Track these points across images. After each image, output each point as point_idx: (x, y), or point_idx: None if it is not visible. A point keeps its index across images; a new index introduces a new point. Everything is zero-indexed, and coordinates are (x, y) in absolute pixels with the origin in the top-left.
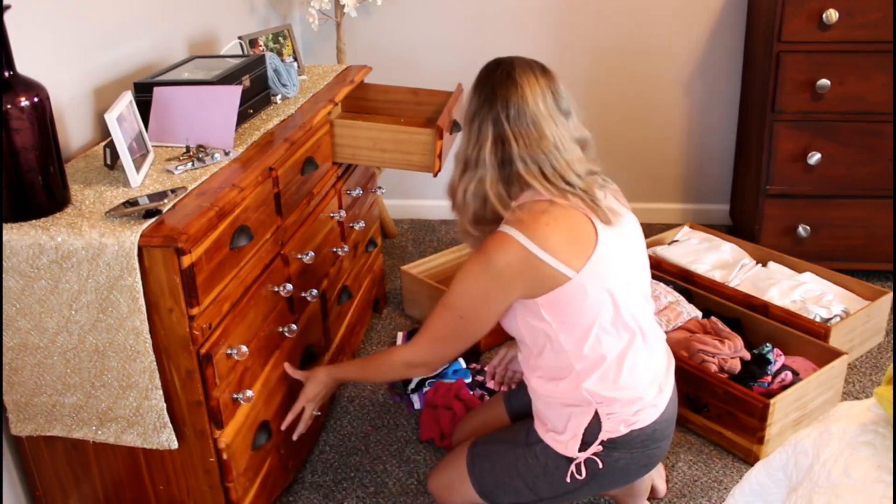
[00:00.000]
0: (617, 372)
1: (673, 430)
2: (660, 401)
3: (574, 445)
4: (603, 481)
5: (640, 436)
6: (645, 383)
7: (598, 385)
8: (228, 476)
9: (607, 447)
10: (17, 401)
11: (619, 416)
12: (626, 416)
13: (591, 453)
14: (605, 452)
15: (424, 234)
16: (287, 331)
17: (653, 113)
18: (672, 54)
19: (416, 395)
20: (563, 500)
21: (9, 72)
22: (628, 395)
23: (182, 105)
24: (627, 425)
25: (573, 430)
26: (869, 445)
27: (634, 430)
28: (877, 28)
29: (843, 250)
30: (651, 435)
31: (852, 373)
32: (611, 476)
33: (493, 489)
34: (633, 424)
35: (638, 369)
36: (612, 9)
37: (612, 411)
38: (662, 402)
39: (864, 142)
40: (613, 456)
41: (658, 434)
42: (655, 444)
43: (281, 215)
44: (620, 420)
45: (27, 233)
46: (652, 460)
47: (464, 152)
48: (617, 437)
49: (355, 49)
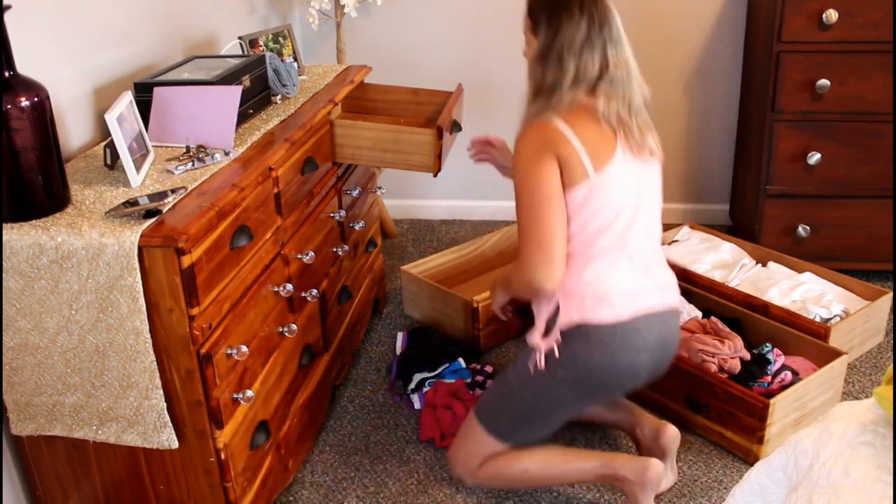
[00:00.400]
0: (586, 267)
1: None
2: (622, 305)
3: (539, 333)
4: (567, 377)
5: (595, 332)
6: (612, 289)
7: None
8: (226, 476)
9: (565, 337)
10: (18, 400)
11: (575, 307)
12: (581, 307)
13: (552, 341)
14: (564, 344)
15: (424, 234)
16: (287, 331)
17: (653, 113)
18: (672, 54)
19: (416, 395)
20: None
21: (9, 72)
22: (590, 292)
23: (182, 105)
24: (581, 313)
25: (540, 320)
26: (869, 445)
27: (590, 324)
28: (877, 28)
29: (843, 250)
30: (611, 333)
31: (852, 373)
32: (573, 370)
33: (498, 420)
34: (585, 314)
35: (609, 275)
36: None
37: (571, 302)
38: (625, 309)
39: (864, 142)
40: (571, 347)
41: (621, 336)
42: (619, 349)
43: (281, 215)
44: (575, 309)
45: (27, 233)
46: (614, 366)
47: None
48: (571, 327)
49: (355, 49)
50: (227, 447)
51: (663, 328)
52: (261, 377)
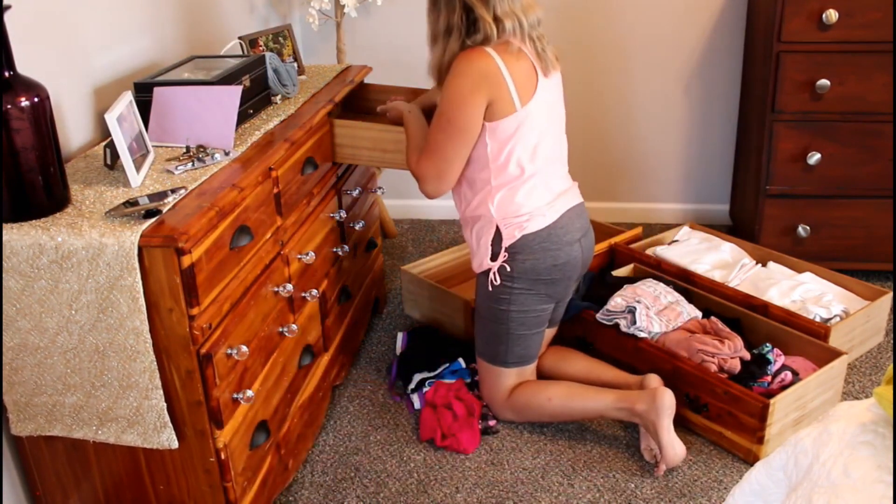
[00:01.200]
0: (517, 191)
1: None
2: (550, 212)
3: (487, 257)
4: (522, 284)
5: (535, 238)
6: (536, 204)
7: (500, 199)
8: (226, 476)
9: (511, 252)
10: (18, 401)
11: (512, 225)
12: (520, 225)
13: (501, 261)
14: (510, 258)
15: (424, 234)
16: (287, 331)
17: (653, 113)
18: (672, 54)
19: (416, 395)
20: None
21: (9, 72)
22: (524, 211)
23: (182, 105)
24: (521, 230)
25: (485, 246)
26: (869, 445)
27: (527, 233)
28: (877, 28)
29: (843, 250)
30: (546, 237)
31: (852, 373)
32: (525, 276)
33: (490, 349)
34: (525, 230)
35: (534, 193)
36: (611, 9)
37: (508, 223)
38: (554, 214)
39: (864, 142)
40: (518, 259)
41: (554, 238)
42: (555, 247)
43: (281, 215)
44: (514, 227)
45: (27, 233)
46: (557, 262)
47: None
48: (514, 241)
49: (355, 49)
50: (227, 447)
51: (580, 220)
52: (261, 377)
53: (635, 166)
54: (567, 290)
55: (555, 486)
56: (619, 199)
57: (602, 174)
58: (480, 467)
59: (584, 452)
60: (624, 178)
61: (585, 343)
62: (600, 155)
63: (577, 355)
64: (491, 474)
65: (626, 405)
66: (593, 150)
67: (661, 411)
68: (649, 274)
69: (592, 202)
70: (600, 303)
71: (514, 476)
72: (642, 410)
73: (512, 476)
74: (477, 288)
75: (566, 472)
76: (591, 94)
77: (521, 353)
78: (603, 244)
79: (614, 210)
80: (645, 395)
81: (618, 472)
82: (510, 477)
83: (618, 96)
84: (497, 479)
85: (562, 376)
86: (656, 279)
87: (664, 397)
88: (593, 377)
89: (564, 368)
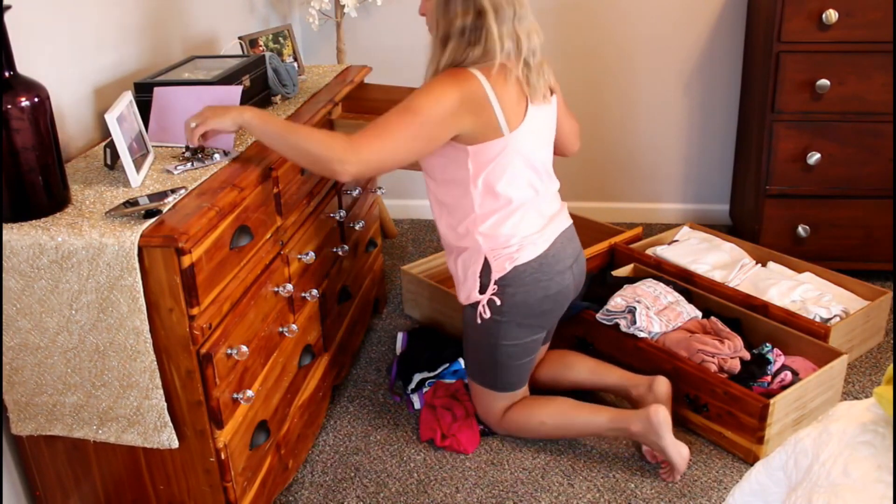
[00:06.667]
0: (506, 221)
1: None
2: (541, 241)
3: (475, 290)
4: (513, 317)
5: (526, 269)
6: (526, 233)
7: (487, 228)
8: (226, 476)
9: (500, 285)
10: (18, 400)
11: (502, 256)
12: (510, 256)
13: (490, 294)
14: (500, 291)
15: (424, 234)
16: (287, 331)
17: (653, 113)
18: (672, 54)
19: (416, 395)
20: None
21: (9, 72)
22: (511, 241)
23: (182, 105)
24: (511, 262)
25: (472, 277)
26: (868, 445)
27: (518, 265)
28: (877, 28)
29: (843, 250)
30: (538, 268)
31: (852, 373)
32: (516, 310)
33: (481, 375)
34: (515, 261)
35: (524, 221)
36: (611, 9)
37: (497, 254)
38: (544, 243)
39: (863, 142)
40: (508, 292)
41: (545, 268)
42: (546, 278)
43: (281, 215)
44: (504, 259)
45: (27, 233)
46: (549, 293)
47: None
48: (505, 273)
49: (355, 49)
50: (227, 447)
51: (571, 245)
52: (261, 377)
53: (635, 166)
54: (559, 316)
55: (555, 486)
56: (619, 199)
57: (602, 174)
58: (480, 467)
59: (584, 452)
60: (624, 178)
61: (585, 343)
62: (600, 155)
63: (580, 358)
64: (491, 474)
65: (622, 426)
66: (593, 150)
67: (660, 429)
68: (649, 274)
69: (593, 202)
70: (600, 303)
71: (514, 476)
72: (639, 432)
73: (512, 476)
74: (465, 318)
75: (566, 472)
76: (591, 94)
77: (511, 381)
78: (603, 244)
79: (614, 210)
80: (639, 415)
81: (618, 472)
82: (510, 477)
83: (618, 96)
84: (497, 479)
85: (565, 384)
86: (656, 279)
87: (658, 414)
88: (598, 381)
89: (567, 376)
